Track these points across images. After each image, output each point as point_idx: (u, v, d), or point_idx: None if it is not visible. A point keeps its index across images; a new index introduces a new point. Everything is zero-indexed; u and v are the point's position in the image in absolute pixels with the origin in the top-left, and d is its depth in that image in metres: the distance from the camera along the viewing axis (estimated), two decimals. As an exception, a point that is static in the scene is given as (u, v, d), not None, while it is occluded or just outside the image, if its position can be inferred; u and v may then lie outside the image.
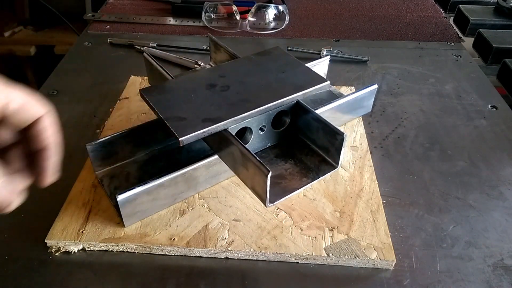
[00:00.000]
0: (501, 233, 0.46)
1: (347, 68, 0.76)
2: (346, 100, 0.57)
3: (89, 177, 0.50)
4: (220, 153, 0.45)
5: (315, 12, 0.98)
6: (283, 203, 0.47)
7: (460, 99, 0.68)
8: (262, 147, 0.49)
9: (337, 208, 0.47)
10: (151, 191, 0.43)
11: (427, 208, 0.49)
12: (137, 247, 0.43)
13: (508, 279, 0.42)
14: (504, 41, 0.82)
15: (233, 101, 0.44)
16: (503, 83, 0.76)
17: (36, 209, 0.48)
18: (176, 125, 0.41)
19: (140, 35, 0.86)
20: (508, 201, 0.50)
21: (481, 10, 0.96)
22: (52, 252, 0.43)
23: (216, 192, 0.49)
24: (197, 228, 0.45)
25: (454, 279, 0.42)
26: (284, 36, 0.87)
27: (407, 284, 0.41)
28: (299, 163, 0.47)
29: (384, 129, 0.61)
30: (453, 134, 0.61)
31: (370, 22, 0.93)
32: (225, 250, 0.43)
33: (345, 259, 0.42)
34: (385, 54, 0.81)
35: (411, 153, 0.57)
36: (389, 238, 0.44)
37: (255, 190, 0.40)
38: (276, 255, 0.43)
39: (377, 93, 0.65)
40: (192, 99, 0.45)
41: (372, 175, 0.52)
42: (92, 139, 0.50)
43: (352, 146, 0.56)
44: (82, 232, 0.44)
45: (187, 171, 0.45)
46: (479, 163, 0.56)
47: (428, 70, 0.76)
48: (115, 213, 0.46)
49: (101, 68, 0.75)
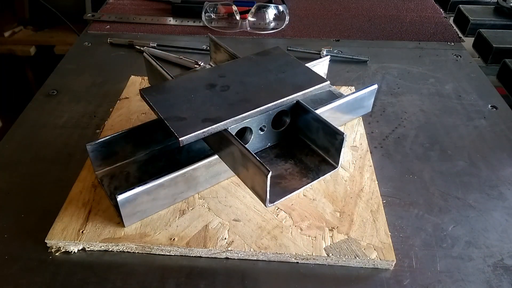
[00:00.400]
0: (501, 233, 0.46)
1: (347, 68, 0.76)
2: (346, 100, 0.57)
3: (89, 177, 0.50)
4: (220, 153, 0.45)
5: (315, 12, 0.98)
6: (283, 203, 0.47)
7: (460, 99, 0.68)
8: (262, 147, 0.49)
9: (337, 208, 0.47)
10: (151, 191, 0.43)
11: (427, 208, 0.49)
12: (137, 247, 0.43)
13: (508, 279, 0.42)
14: (504, 41, 0.82)
15: (233, 101, 0.44)
16: (503, 83, 0.76)
17: (36, 209, 0.48)
18: (176, 125, 0.41)
19: (140, 35, 0.86)
20: (508, 201, 0.50)
21: (481, 10, 0.96)
22: (52, 252, 0.43)
23: (216, 192, 0.49)
24: (197, 228, 0.45)
25: (454, 279, 0.42)
26: (284, 36, 0.87)
27: (407, 284, 0.41)
28: (299, 163, 0.47)
29: (384, 129, 0.61)
30: (453, 134, 0.61)
31: (370, 22, 0.93)
32: (225, 250, 0.43)
33: (345, 259, 0.42)
34: (385, 54, 0.81)
35: (411, 153, 0.57)
36: (389, 238, 0.44)
37: (255, 190, 0.40)
38: (276, 255, 0.43)
39: (377, 93, 0.65)
40: (192, 99, 0.45)
41: (372, 175, 0.52)
42: (92, 139, 0.50)
43: (352, 146, 0.56)
44: (82, 232, 0.44)
45: (187, 171, 0.45)
46: (479, 163, 0.56)
47: (428, 70, 0.76)
48: (115, 213, 0.46)
49: (101, 68, 0.75)
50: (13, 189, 0.50)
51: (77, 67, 0.75)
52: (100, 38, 0.84)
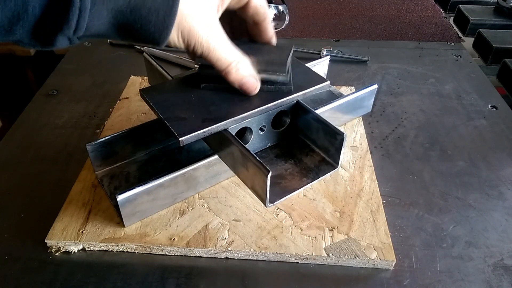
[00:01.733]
0: (501, 233, 0.46)
1: (347, 68, 0.76)
2: (346, 100, 0.57)
3: (89, 177, 0.50)
4: (220, 153, 0.45)
5: (315, 12, 0.98)
6: (283, 203, 0.47)
7: (460, 99, 0.68)
8: (262, 147, 0.49)
9: (337, 208, 0.47)
10: (151, 191, 0.43)
11: (427, 208, 0.49)
12: (137, 247, 0.43)
13: (508, 279, 0.42)
14: (504, 41, 0.83)
15: (233, 101, 0.44)
16: (503, 83, 0.76)
17: (36, 209, 0.48)
18: (176, 125, 0.41)
19: (140, 35, 0.86)
20: (508, 201, 0.50)
21: (481, 10, 0.96)
22: (52, 252, 0.43)
23: (216, 192, 0.49)
24: (197, 228, 0.45)
25: (454, 279, 0.42)
26: (284, 36, 0.87)
27: (407, 284, 0.41)
28: (299, 163, 0.47)
29: (384, 129, 0.61)
30: (453, 134, 0.61)
31: (370, 22, 0.93)
32: (225, 250, 0.43)
33: (345, 259, 0.42)
34: (385, 54, 0.81)
35: (411, 153, 0.57)
36: (389, 238, 0.44)
37: (255, 190, 0.40)
38: (276, 255, 0.43)
39: (377, 93, 0.65)
40: (192, 99, 0.45)
41: (372, 175, 0.52)
42: (92, 139, 0.50)
43: (352, 146, 0.56)
44: (82, 232, 0.44)
45: (187, 171, 0.45)
46: (479, 163, 0.56)
47: (428, 70, 0.76)
48: (115, 213, 0.46)
49: (101, 68, 0.75)
50: (13, 189, 0.50)
51: (77, 67, 0.75)
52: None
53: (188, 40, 0.38)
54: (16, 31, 0.31)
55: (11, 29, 0.30)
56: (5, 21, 0.30)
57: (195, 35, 0.38)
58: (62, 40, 0.32)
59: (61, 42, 0.33)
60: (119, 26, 0.34)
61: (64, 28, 0.31)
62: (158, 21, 0.35)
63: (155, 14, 0.34)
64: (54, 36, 0.32)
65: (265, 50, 0.47)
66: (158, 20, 0.34)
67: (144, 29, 0.35)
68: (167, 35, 0.36)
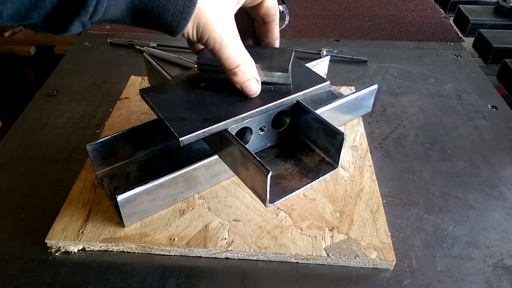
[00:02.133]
0: (501, 233, 0.46)
1: (347, 68, 0.76)
2: (346, 100, 0.57)
3: (89, 177, 0.50)
4: (220, 153, 0.45)
5: (315, 12, 0.98)
6: (283, 203, 0.47)
7: (460, 99, 0.68)
8: (262, 147, 0.49)
9: (337, 208, 0.47)
10: (151, 191, 0.43)
11: (427, 208, 0.49)
12: (137, 247, 0.43)
13: (508, 279, 0.42)
14: (504, 41, 0.83)
15: (233, 101, 0.44)
16: (503, 83, 0.76)
17: (36, 209, 0.48)
18: (176, 125, 0.41)
19: (140, 35, 0.86)
20: (508, 201, 0.50)
21: (481, 10, 0.96)
22: (52, 252, 0.43)
23: (216, 192, 0.49)
24: (197, 228, 0.45)
25: (454, 279, 0.42)
26: (284, 36, 0.87)
27: (407, 284, 0.41)
28: (299, 163, 0.47)
29: (384, 129, 0.61)
30: (453, 134, 0.61)
31: (370, 22, 0.93)
32: (225, 250, 0.43)
33: (345, 259, 0.42)
34: (385, 54, 0.81)
35: (411, 153, 0.57)
36: (389, 238, 0.44)
37: (255, 190, 0.40)
38: (276, 255, 0.43)
39: (377, 93, 0.65)
40: (192, 99, 0.45)
41: (372, 175, 0.52)
42: (92, 139, 0.50)
43: (352, 146, 0.56)
44: (82, 232, 0.44)
45: (187, 171, 0.45)
46: (479, 163, 0.56)
47: (428, 70, 0.76)
48: (115, 213, 0.46)
49: (101, 68, 0.75)
50: (13, 189, 0.50)
51: (77, 67, 0.75)
52: (100, 38, 0.84)
53: (202, 33, 0.38)
54: (32, 17, 0.30)
55: (27, 15, 0.30)
56: (22, 8, 0.29)
57: (211, 29, 0.37)
58: (77, 25, 0.32)
59: (75, 28, 0.32)
60: (136, 12, 0.34)
61: (81, 14, 0.31)
62: (177, 11, 0.34)
63: (174, 3, 0.34)
64: (71, 22, 0.31)
65: (266, 54, 0.47)
66: (177, 10, 0.34)
67: (161, 17, 0.35)
68: (184, 25, 0.36)
